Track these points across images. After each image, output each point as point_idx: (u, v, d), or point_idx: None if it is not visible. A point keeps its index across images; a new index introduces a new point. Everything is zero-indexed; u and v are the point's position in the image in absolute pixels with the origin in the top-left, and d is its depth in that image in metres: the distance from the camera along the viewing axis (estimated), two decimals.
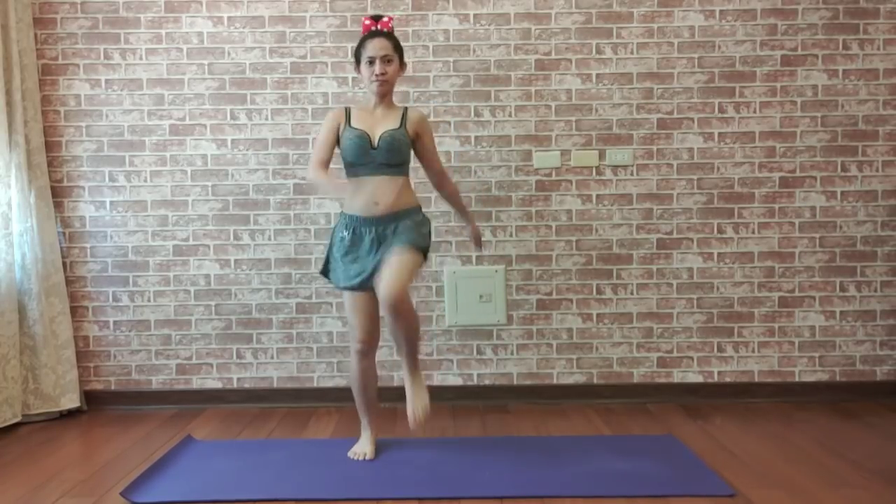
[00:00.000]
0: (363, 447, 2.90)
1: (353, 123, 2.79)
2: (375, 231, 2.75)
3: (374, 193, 2.75)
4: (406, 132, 2.79)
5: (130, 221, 3.63)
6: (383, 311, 2.69)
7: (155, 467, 2.76)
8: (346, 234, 2.79)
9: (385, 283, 2.63)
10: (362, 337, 2.84)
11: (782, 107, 3.59)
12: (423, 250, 2.80)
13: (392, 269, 2.65)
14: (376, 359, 3.62)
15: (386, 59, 2.78)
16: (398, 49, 2.83)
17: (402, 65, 2.87)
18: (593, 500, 2.46)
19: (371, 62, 2.78)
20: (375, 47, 2.77)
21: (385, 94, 2.83)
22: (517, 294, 3.63)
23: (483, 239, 3.60)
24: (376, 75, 2.77)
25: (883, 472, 2.67)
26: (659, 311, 3.63)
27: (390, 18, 2.86)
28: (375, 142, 2.75)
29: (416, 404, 2.76)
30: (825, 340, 3.62)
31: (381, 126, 2.78)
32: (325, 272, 2.91)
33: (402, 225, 2.76)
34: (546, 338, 3.64)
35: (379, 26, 2.82)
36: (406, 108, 2.87)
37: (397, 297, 2.61)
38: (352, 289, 2.80)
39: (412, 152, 2.88)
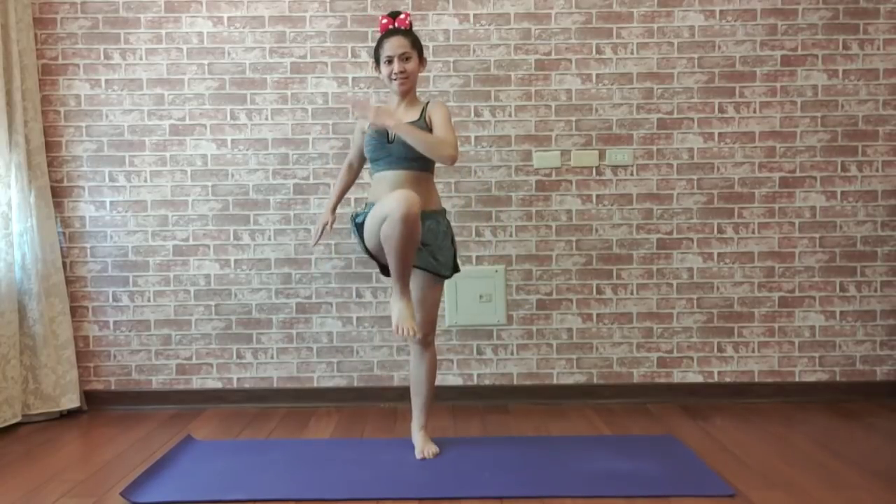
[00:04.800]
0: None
1: None
2: None
3: (401, 188, 2.71)
4: (426, 123, 2.76)
5: (130, 221, 3.63)
6: (416, 348, 2.88)
7: (155, 467, 2.76)
8: None
9: (421, 322, 2.80)
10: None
11: (782, 107, 3.59)
12: (451, 271, 2.86)
13: (426, 307, 2.82)
14: (377, 358, 3.64)
15: (404, 57, 2.76)
16: (416, 45, 2.81)
17: (422, 60, 2.86)
18: (593, 500, 2.46)
19: (390, 61, 2.77)
20: (393, 46, 2.76)
21: (407, 92, 2.82)
22: (517, 294, 3.63)
23: (483, 239, 3.61)
24: (396, 73, 2.77)
25: (883, 472, 2.67)
26: (659, 311, 3.63)
27: (407, 15, 2.83)
28: (391, 135, 2.73)
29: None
30: (825, 340, 3.62)
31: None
32: (357, 222, 2.77)
33: (427, 230, 2.72)
34: (546, 338, 3.64)
35: (396, 24, 2.81)
36: (428, 102, 2.84)
37: (431, 335, 2.87)
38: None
39: None
